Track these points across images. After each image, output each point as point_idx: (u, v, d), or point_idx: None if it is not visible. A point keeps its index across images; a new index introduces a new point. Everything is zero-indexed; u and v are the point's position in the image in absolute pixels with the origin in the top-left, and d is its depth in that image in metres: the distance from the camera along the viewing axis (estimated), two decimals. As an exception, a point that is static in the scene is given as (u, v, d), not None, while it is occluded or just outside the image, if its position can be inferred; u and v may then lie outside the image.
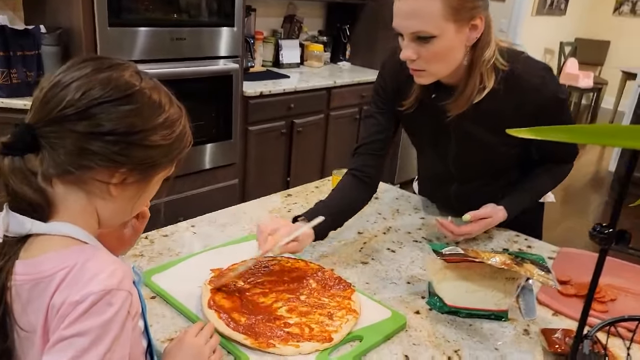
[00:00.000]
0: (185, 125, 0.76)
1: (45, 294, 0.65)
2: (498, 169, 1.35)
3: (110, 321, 0.63)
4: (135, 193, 0.73)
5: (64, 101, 0.66)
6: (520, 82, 1.16)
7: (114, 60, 0.72)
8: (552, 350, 0.96)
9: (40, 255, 0.67)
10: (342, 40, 3.83)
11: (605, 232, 0.75)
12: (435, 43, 1.08)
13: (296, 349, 0.90)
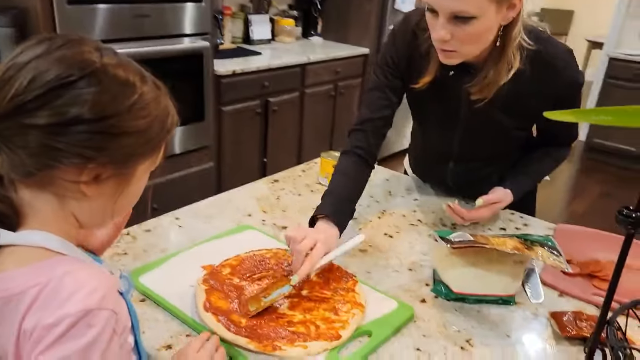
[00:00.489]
0: (167, 106, 0.65)
1: (15, 314, 0.56)
2: (501, 151, 1.31)
3: (91, 345, 0.55)
4: (114, 190, 0.63)
5: (12, 89, 0.55)
6: (546, 64, 1.11)
7: (69, 37, 0.61)
8: (565, 334, 0.93)
9: (10, 270, 0.58)
10: (313, 15, 3.71)
11: (633, 217, 0.70)
12: (474, 24, 1.00)
13: (304, 350, 0.84)
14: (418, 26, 1.17)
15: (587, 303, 1.05)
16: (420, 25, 1.15)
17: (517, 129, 1.22)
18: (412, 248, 1.20)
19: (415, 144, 1.48)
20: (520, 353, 0.90)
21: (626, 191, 4.06)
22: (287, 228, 1.24)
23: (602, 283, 1.11)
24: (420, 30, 1.16)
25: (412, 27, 1.18)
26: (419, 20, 1.16)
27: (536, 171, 1.29)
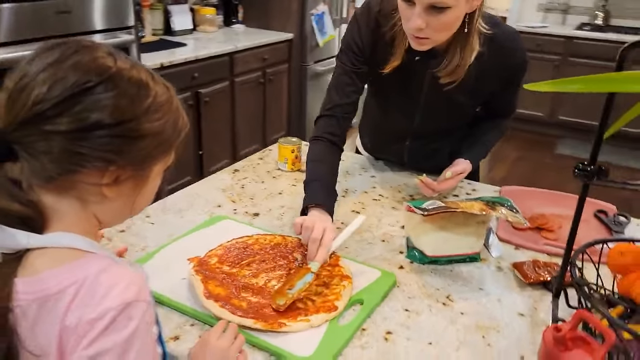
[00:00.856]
0: (178, 107, 0.68)
1: (55, 313, 0.58)
2: (455, 126, 1.42)
3: (132, 336, 0.58)
4: (133, 190, 0.65)
5: (32, 97, 0.56)
6: (501, 47, 1.21)
7: (81, 42, 0.62)
8: (528, 281, 1.06)
9: (43, 272, 0.59)
10: (233, 2, 3.68)
11: (587, 170, 0.82)
12: (448, 13, 1.07)
13: (307, 324, 0.89)
14: (380, 14, 1.23)
15: (540, 252, 1.18)
16: (382, 13, 1.22)
17: (472, 106, 1.33)
18: (380, 221, 1.28)
19: (373, 124, 1.54)
20: (494, 301, 1.01)
21: (538, 153, 4.43)
22: (257, 215, 1.28)
23: (549, 234, 1.25)
24: (383, 17, 1.22)
25: (374, 15, 1.24)
26: (380, 9, 1.22)
27: (488, 141, 1.41)
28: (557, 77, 4.15)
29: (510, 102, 1.39)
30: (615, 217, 1.33)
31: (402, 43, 1.19)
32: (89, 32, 2.32)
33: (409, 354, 0.87)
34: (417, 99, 1.32)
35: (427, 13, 1.07)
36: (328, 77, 4.07)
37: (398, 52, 1.22)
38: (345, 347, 0.88)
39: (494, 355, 0.88)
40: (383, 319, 0.95)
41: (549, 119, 4.73)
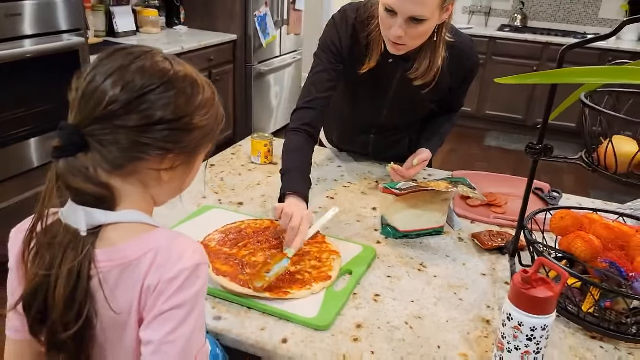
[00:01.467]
0: (217, 102, 0.78)
1: (134, 276, 0.68)
2: (415, 120, 1.60)
3: (199, 291, 0.69)
4: (182, 173, 0.77)
5: (105, 97, 0.66)
6: (460, 52, 1.39)
7: (140, 48, 0.72)
8: (486, 247, 1.24)
9: (120, 243, 0.69)
10: (175, 3, 3.70)
11: (536, 148, 1.00)
12: (425, 24, 1.22)
13: (309, 291, 1.02)
14: (357, 20, 1.37)
15: (491, 224, 1.37)
16: (358, 19, 1.36)
17: (432, 101, 1.50)
18: (352, 204, 1.43)
19: (341, 118, 1.67)
20: (460, 265, 1.18)
21: (466, 145, 4.77)
22: (241, 204, 1.38)
23: (498, 209, 1.45)
24: (359, 24, 1.36)
25: (352, 21, 1.37)
26: (356, 16, 1.36)
27: (444, 133, 1.60)
28: (483, 74, 4.45)
29: (461, 98, 1.59)
30: (550, 193, 1.56)
31: (378, 46, 1.34)
32: (38, 35, 2.30)
33: (396, 310, 1.02)
34: (385, 95, 1.48)
35: (406, 23, 1.22)
36: (271, 76, 4.21)
37: (374, 54, 1.36)
38: (342, 308, 1.01)
39: (465, 306, 1.05)
40: (370, 284, 1.09)
41: (476, 113, 5.09)
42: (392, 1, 1.21)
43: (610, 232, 1.09)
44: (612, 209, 1.29)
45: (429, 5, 1.20)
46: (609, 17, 5.00)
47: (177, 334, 0.67)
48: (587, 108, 0.93)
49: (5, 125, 2.27)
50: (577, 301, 1.02)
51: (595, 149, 0.99)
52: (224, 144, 3.72)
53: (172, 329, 0.67)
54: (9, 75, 2.22)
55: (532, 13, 5.23)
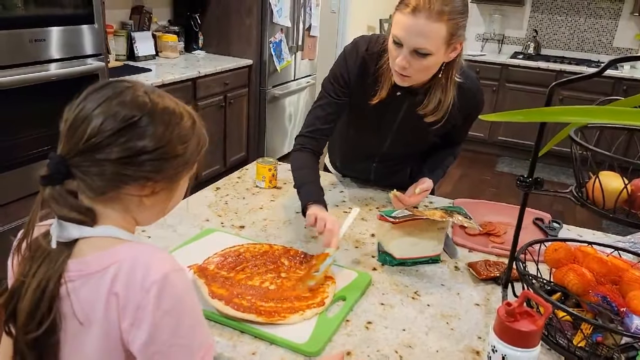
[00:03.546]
0: (199, 127, 0.82)
1: (99, 287, 0.72)
2: (417, 151, 1.64)
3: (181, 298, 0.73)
4: (166, 197, 0.81)
5: (88, 131, 0.71)
6: (467, 91, 1.44)
7: (123, 83, 0.77)
8: (481, 277, 1.25)
9: (90, 254, 0.74)
10: (194, 29, 3.82)
11: (527, 181, 1.02)
12: (429, 59, 1.26)
13: (301, 317, 1.04)
14: (367, 52, 1.42)
15: (489, 254, 1.38)
16: (369, 52, 1.41)
17: (435, 135, 1.54)
18: (352, 230, 1.45)
19: (345, 145, 1.72)
20: (455, 295, 1.20)
21: (478, 170, 4.77)
22: (243, 227, 1.42)
23: (497, 238, 1.46)
24: (369, 56, 1.41)
25: (362, 54, 1.42)
26: (367, 48, 1.42)
27: (446, 166, 1.63)
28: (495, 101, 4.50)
29: (465, 133, 1.62)
30: (550, 224, 1.56)
31: (388, 79, 1.39)
32: (62, 59, 2.39)
33: (387, 339, 1.04)
34: (390, 126, 1.52)
35: (411, 55, 1.27)
36: (286, 100, 4.29)
37: (385, 86, 1.40)
38: (333, 335, 1.03)
39: (457, 336, 1.06)
40: (363, 311, 1.11)
41: (489, 139, 5.09)
42: (399, 33, 1.26)
43: (603, 266, 1.09)
44: (609, 243, 1.30)
45: (434, 40, 1.24)
46: (623, 45, 5.00)
47: (172, 342, 0.71)
48: (575, 144, 0.96)
49: (28, 144, 2.36)
50: (569, 335, 1.02)
51: (585, 184, 1.01)
52: (237, 165, 3.80)
53: (166, 339, 0.71)
54: (33, 97, 2.32)
55: (545, 41, 5.25)
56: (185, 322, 0.73)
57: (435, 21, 1.22)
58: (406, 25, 1.24)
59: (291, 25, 4.08)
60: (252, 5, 3.72)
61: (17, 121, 2.29)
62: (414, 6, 1.22)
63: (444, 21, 1.22)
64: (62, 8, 2.38)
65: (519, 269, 1.07)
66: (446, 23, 1.22)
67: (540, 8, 5.20)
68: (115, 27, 3.34)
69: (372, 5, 7.04)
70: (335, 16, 5.70)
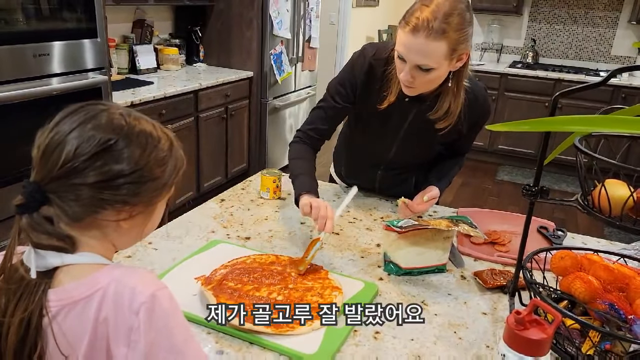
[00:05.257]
0: (176, 149, 0.81)
1: (85, 314, 0.70)
2: (422, 160, 1.65)
3: (170, 314, 0.72)
4: (142, 221, 0.79)
5: (62, 156, 0.69)
6: (475, 99, 1.45)
7: (98, 106, 0.75)
8: (488, 286, 1.25)
9: (70, 282, 0.72)
10: (195, 42, 3.84)
11: (532, 190, 1.03)
12: (432, 73, 1.28)
13: (310, 327, 1.05)
14: (374, 57, 1.44)
15: (495, 263, 1.39)
16: (376, 57, 1.43)
17: (441, 144, 1.55)
18: (357, 240, 1.46)
19: (351, 153, 1.73)
20: (462, 304, 1.20)
21: (478, 179, 4.78)
22: (249, 238, 1.42)
23: (502, 247, 1.47)
24: (376, 62, 1.43)
25: (369, 59, 1.44)
26: (374, 54, 1.44)
27: (452, 174, 1.65)
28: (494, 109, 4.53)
29: (470, 142, 1.63)
30: (555, 232, 1.57)
31: (396, 84, 1.40)
32: (65, 74, 2.41)
33: (396, 348, 1.04)
34: (397, 132, 1.53)
35: (415, 70, 1.29)
36: (286, 111, 4.30)
37: (393, 91, 1.42)
38: (342, 345, 1.03)
39: (465, 345, 1.06)
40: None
41: (489, 148, 5.11)
42: (401, 49, 1.28)
43: (609, 273, 1.10)
44: (615, 250, 1.30)
45: (434, 57, 1.25)
46: (621, 54, 5.04)
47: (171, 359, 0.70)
48: (581, 153, 0.96)
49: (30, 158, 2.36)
50: (577, 343, 1.03)
51: (591, 192, 1.02)
52: (238, 176, 3.81)
53: (164, 357, 0.70)
54: (36, 111, 2.33)
55: (544, 50, 5.29)
56: (179, 337, 0.72)
57: (434, 40, 1.23)
58: (407, 44, 1.26)
59: (291, 37, 4.11)
60: (252, 17, 3.75)
61: (19, 136, 2.30)
62: (414, 25, 1.24)
63: (444, 39, 1.23)
64: (66, 22, 2.40)
65: (526, 278, 1.07)
66: (446, 40, 1.24)
67: (538, 17, 5.25)
68: (117, 40, 3.37)
69: (371, 16, 7.10)
70: (334, 28, 5.75)
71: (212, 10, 3.84)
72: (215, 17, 3.86)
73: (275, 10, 3.80)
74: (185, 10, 3.87)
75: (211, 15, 3.86)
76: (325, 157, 1.89)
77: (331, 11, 5.73)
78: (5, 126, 2.22)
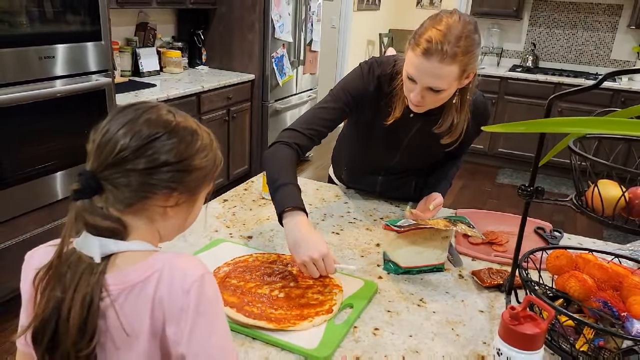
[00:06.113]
0: (216, 146, 0.88)
1: (142, 297, 0.75)
2: (424, 166, 1.68)
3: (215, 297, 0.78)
4: (186, 210, 0.86)
5: (117, 146, 0.76)
6: (476, 109, 1.48)
7: (147, 104, 0.82)
8: (485, 285, 1.28)
9: (127, 268, 0.77)
10: (198, 45, 3.88)
11: (528, 190, 1.05)
12: (442, 93, 1.31)
13: (310, 323, 1.07)
14: (381, 74, 1.46)
15: (492, 262, 1.41)
16: (383, 73, 1.45)
17: (443, 152, 1.58)
18: (357, 240, 1.48)
19: (352, 159, 1.74)
20: (459, 302, 1.23)
21: (478, 182, 4.80)
22: (251, 237, 1.45)
23: (499, 247, 1.49)
24: (383, 77, 1.45)
25: (377, 75, 1.46)
26: (382, 70, 1.45)
27: (451, 177, 1.68)
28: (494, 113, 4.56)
29: (469, 146, 1.66)
30: (551, 233, 1.60)
31: (402, 100, 1.43)
32: (69, 76, 2.44)
33: (395, 344, 1.06)
34: (401, 143, 1.56)
35: (425, 91, 1.31)
36: (287, 113, 4.33)
37: (398, 107, 1.44)
38: (342, 341, 1.06)
39: (462, 342, 1.09)
40: (370, 318, 1.14)
41: (489, 151, 5.14)
42: (412, 72, 1.30)
43: (603, 272, 1.12)
44: (609, 250, 1.33)
45: (447, 80, 1.27)
46: (621, 58, 5.07)
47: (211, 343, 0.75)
48: (574, 154, 0.99)
49: (34, 159, 2.40)
50: (572, 340, 1.05)
51: (585, 193, 1.04)
52: (240, 178, 3.84)
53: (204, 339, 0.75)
54: (40, 113, 2.36)
55: (543, 54, 5.32)
56: (221, 323, 0.78)
57: (447, 64, 1.24)
58: (419, 67, 1.27)
59: (293, 41, 4.14)
60: (254, 21, 3.79)
61: (23, 137, 2.33)
62: (426, 48, 1.24)
63: (456, 62, 1.24)
64: (70, 25, 2.44)
65: (521, 276, 1.10)
66: (458, 63, 1.25)
67: (538, 22, 5.28)
68: (121, 43, 3.40)
69: (372, 20, 7.15)
70: (335, 31, 5.79)
71: (215, 13, 3.88)
72: (217, 20, 3.89)
73: (277, 14, 3.84)
74: (188, 13, 3.90)
75: (213, 19, 3.90)
76: (325, 159, 1.92)
77: (332, 15, 5.77)
78: (10, 128, 2.25)
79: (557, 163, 4.47)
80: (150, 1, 3.24)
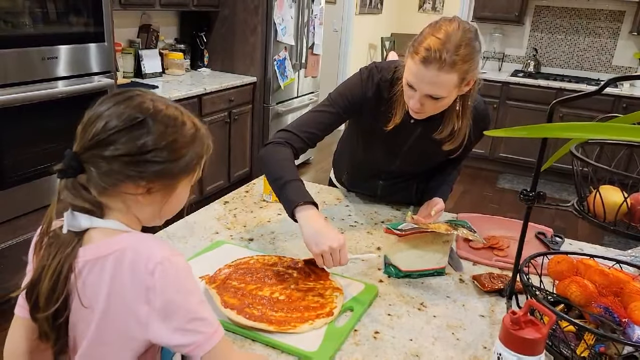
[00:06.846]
0: (204, 135, 0.88)
1: (103, 271, 0.79)
2: (424, 170, 1.68)
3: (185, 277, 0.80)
4: (162, 198, 0.86)
5: (94, 129, 0.79)
6: (477, 115, 1.47)
7: (135, 91, 0.84)
8: (486, 289, 1.28)
9: (95, 242, 0.81)
10: (200, 47, 3.89)
11: (530, 195, 1.06)
12: (441, 100, 1.31)
13: (311, 326, 1.07)
14: (381, 80, 1.46)
15: (493, 267, 1.41)
16: (383, 79, 1.45)
17: (444, 157, 1.59)
18: (358, 243, 1.48)
19: (353, 163, 1.75)
20: (460, 306, 1.22)
21: (479, 187, 4.80)
22: (252, 240, 1.45)
23: (500, 252, 1.49)
24: (383, 83, 1.45)
25: (377, 81, 1.45)
26: (382, 76, 1.45)
27: (452, 181, 1.68)
28: (496, 118, 4.56)
29: (469, 151, 1.66)
30: (552, 238, 1.59)
31: (402, 105, 1.43)
32: (70, 77, 2.45)
33: (395, 347, 1.06)
34: (401, 148, 1.56)
35: (425, 98, 1.31)
36: (289, 116, 4.34)
37: (398, 113, 1.44)
38: (342, 344, 1.06)
39: (462, 346, 1.09)
40: (371, 321, 1.14)
41: (490, 155, 5.14)
42: (412, 79, 1.30)
43: (604, 278, 1.12)
44: (611, 256, 1.33)
45: (446, 88, 1.28)
46: (623, 64, 5.07)
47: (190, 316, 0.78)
48: (576, 159, 0.99)
49: (36, 159, 2.40)
50: (573, 345, 1.05)
51: (586, 198, 1.04)
52: (241, 180, 3.84)
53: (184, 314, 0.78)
54: (42, 114, 2.37)
55: (545, 59, 5.33)
56: (194, 298, 0.79)
57: (446, 72, 1.24)
58: (418, 75, 1.27)
59: (295, 44, 4.15)
60: (256, 24, 3.80)
61: (25, 137, 2.34)
62: (425, 56, 1.24)
63: (455, 71, 1.24)
64: (73, 27, 2.44)
65: (522, 281, 1.10)
66: (457, 72, 1.25)
67: (540, 27, 5.29)
68: (124, 45, 3.41)
69: (374, 24, 7.16)
70: (337, 35, 5.80)
71: (217, 16, 3.89)
72: (220, 23, 3.90)
73: (280, 17, 3.85)
74: (191, 15, 3.91)
75: (216, 21, 3.91)
76: (326, 162, 1.92)
77: (334, 18, 5.78)
78: (12, 128, 2.26)
79: (558, 168, 4.45)
80: (153, 3, 3.25)
